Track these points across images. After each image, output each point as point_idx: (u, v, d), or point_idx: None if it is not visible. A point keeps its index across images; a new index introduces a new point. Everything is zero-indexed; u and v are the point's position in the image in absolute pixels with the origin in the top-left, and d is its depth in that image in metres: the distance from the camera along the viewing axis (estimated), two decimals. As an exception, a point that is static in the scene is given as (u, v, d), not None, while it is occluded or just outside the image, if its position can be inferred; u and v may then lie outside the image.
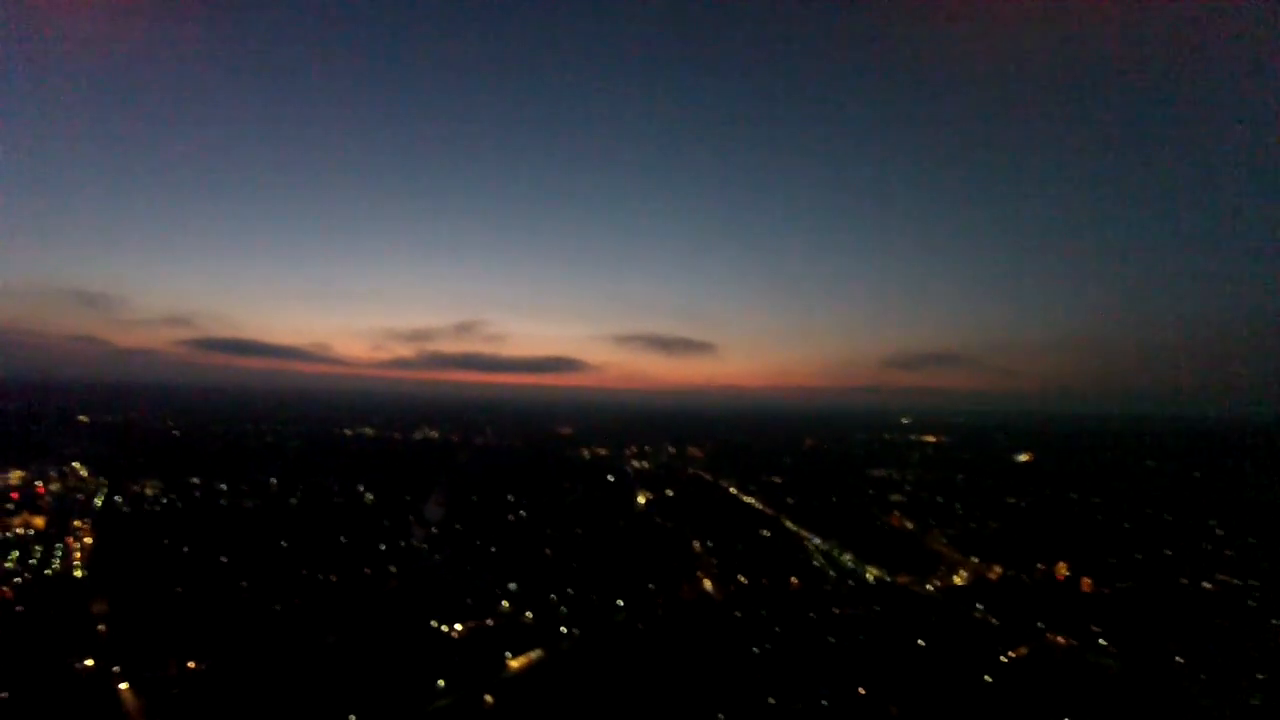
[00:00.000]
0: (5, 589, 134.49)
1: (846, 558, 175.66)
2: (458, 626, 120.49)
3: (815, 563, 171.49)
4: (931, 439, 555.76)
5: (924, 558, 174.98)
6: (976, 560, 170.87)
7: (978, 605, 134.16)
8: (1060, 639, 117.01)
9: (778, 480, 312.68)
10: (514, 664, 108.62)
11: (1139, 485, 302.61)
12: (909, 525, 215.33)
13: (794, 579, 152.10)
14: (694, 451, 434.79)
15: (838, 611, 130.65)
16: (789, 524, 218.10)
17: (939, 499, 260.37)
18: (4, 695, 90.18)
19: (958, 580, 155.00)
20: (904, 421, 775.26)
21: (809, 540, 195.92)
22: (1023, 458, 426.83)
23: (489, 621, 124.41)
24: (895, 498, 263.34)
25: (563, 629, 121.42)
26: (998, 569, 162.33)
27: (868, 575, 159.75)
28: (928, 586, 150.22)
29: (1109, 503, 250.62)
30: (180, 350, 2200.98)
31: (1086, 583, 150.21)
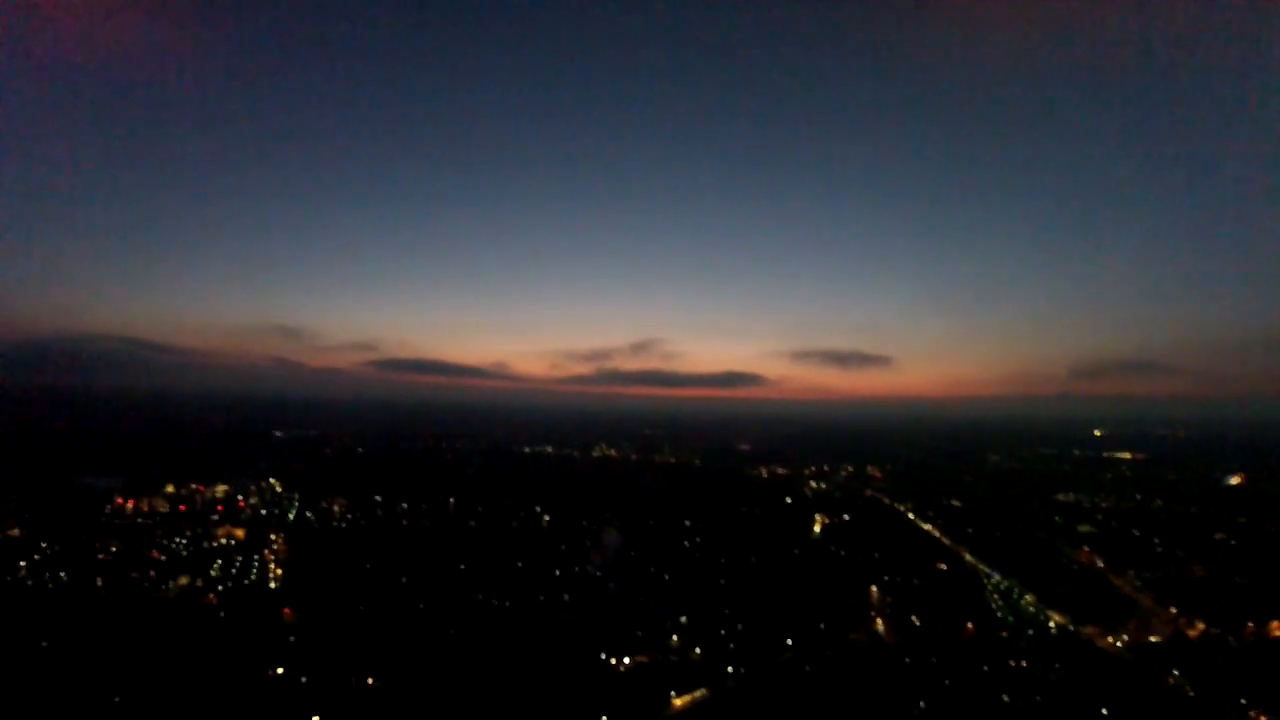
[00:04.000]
0: (211, 595, 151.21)
1: (1028, 600, 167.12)
2: (626, 660, 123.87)
3: (994, 604, 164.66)
4: (1127, 456, 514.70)
5: (1115, 605, 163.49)
6: (1175, 611, 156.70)
7: (1173, 670, 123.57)
8: (1264, 718, 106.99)
9: (957, 504, 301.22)
10: (678, 702, 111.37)
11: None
12: (1099, 563, 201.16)
13: (969, 624, 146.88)
14: (872, 471, 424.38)
15: (1014, 665, 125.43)
16: (968, 557, 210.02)
17: (1134, 531, 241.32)
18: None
19: (1152, 636, 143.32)
20: (1096, 434, 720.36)
21: (988, 577, 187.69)
22: (1234, 480, 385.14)
23: (657, 656, 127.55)
24: (1084, 528, 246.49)
25: (729, 668, 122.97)
26: (1200, 624, 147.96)
27: (1050, 623, 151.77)
28: (1117, 641, 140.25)
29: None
30: (366, 370, 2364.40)
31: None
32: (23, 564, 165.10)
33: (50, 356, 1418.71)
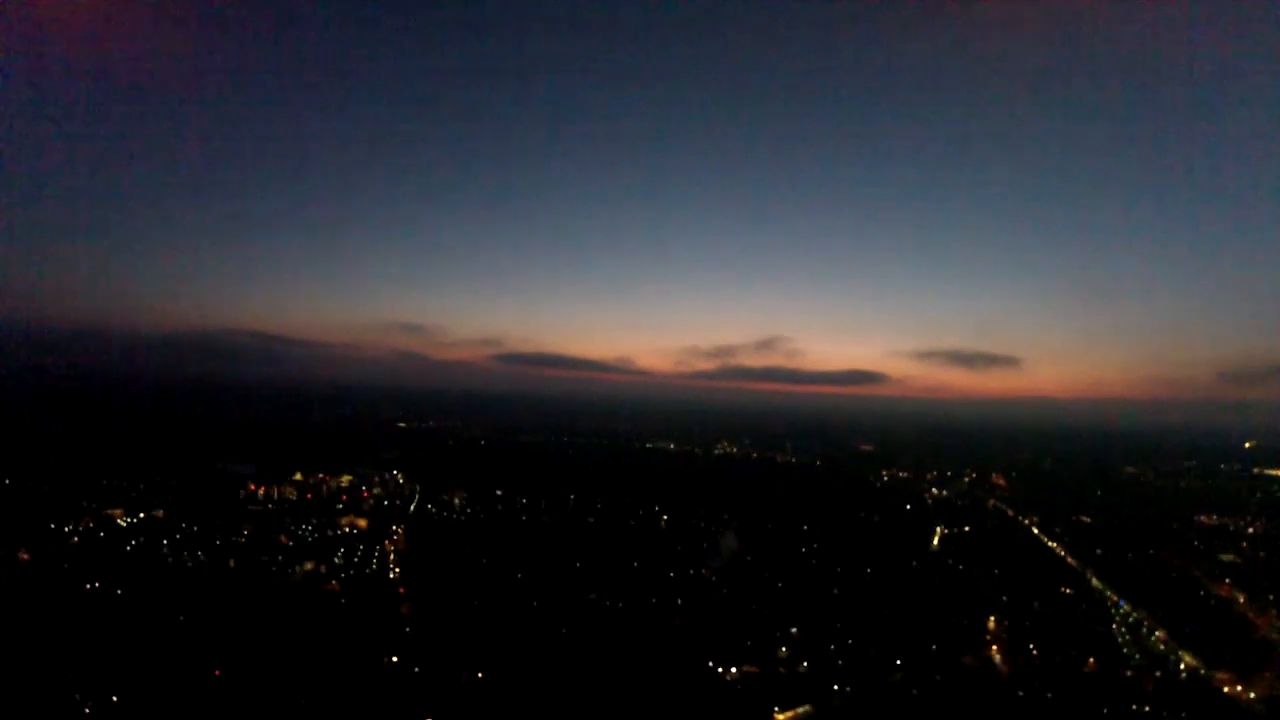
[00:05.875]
0: (333, 582, 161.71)
1: (1158, 636, 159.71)
2: (733, 669, 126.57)
3: (1120, 638, 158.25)
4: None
5: (1253, 649, 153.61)
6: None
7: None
8: None
9: (1087, 520, 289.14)
10: (780, 718, 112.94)
11: None
12: (1240, 599, 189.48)
13: (1092, 658, 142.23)
14: (997, 479, 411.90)
15: (1137, 709, 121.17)
16: (1095, 581, 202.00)
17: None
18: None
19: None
20: (1246, 447, 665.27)
21: (1116, 607, 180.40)
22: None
23: (764, 667, 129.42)
24: (1227, 557, 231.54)
25: (835, 685, 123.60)
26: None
27: (1180, 664, 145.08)
28: (1251, 692, 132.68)
29: None
30: (489, 363, 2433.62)
31: None
32: (165, 543, 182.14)
33: (192, 350, 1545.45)
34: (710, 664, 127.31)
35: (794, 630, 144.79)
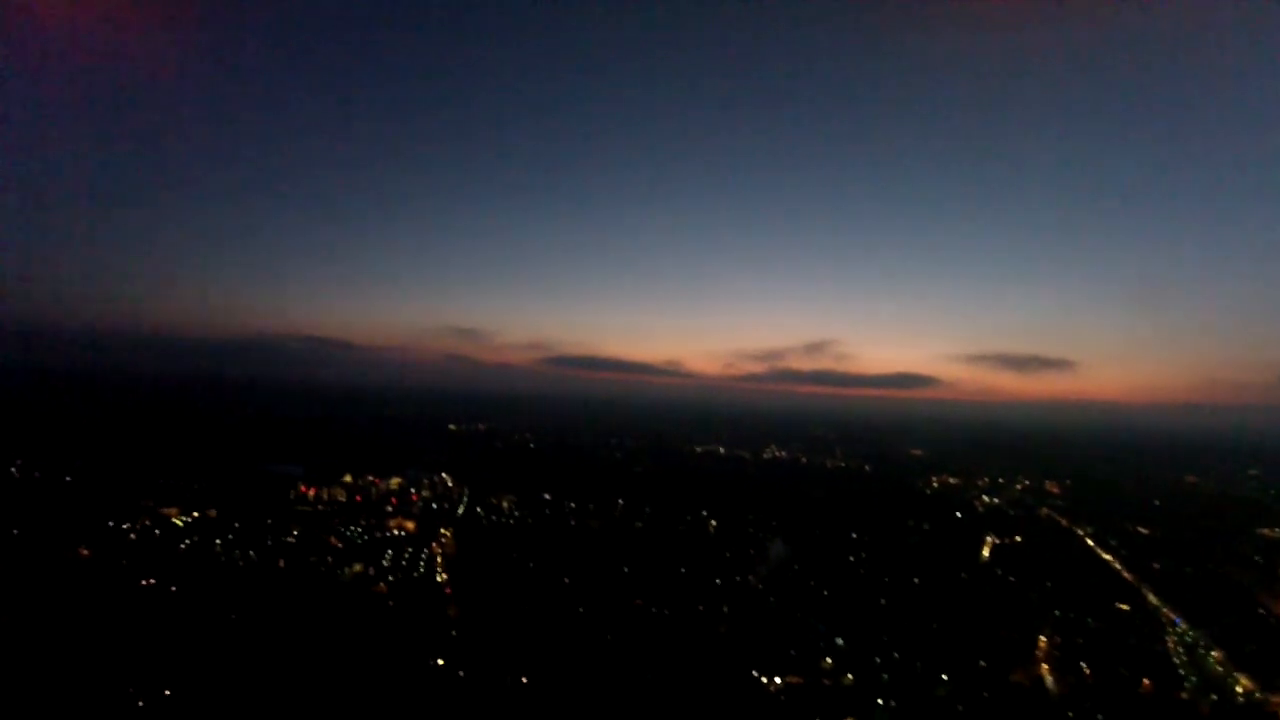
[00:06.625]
0: (381, 584, 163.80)
1: (1214, 657, 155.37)
2: (777, 680, 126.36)
3: (1176, 659, 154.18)
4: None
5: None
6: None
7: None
8: None
9: (1144, 531, 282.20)
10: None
11: None
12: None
13: (1146, 679, 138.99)
14: (1050, 486, 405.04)
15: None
16: (1151, 597, 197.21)
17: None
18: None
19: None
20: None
21: (1173, 625, 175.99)
22: None
23: (809, 678, 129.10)
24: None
25: (879, 699, 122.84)
26: None
27: (1237, 687, 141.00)
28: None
29: None
30: (539, 366, 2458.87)
31: None
32: (218, 542, 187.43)
33: (246, 353, 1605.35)
34: (754, 673, 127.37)
35: (839, 641, 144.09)
